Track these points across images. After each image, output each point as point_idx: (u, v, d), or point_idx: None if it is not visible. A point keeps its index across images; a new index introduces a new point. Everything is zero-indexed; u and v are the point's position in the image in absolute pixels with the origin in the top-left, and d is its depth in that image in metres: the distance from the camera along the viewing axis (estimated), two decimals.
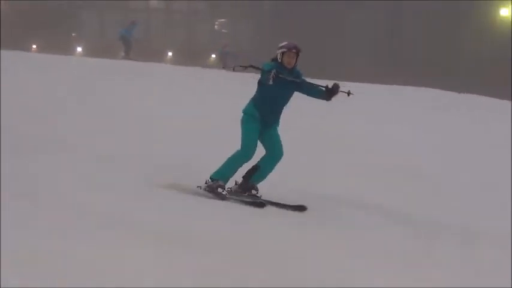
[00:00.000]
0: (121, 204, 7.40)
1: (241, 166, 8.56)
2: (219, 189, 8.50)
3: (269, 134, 8.66)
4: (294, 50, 8.45)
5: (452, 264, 6.82)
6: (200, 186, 8.53)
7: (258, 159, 8.62)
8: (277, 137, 8.68)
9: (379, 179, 10.93)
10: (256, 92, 8.63)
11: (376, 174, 11.21)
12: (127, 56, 27.46)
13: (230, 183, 8.70)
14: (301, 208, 8.44)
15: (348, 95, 8.50)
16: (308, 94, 8.63)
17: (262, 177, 8.68)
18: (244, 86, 13.47)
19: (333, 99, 8.48)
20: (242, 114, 8.64)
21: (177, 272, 5.32)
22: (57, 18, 41.50)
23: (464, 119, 18.55)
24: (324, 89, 8.48)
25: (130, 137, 11.92)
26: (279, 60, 8.48)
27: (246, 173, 8.67)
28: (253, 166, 8.65)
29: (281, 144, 8.65)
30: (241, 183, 8.71)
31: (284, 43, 8.59)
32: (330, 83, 8.46)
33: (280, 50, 8.51)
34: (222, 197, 8.46)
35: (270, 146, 8.65)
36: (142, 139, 11.89)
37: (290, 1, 39.49)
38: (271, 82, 8.19)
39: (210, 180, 8.51)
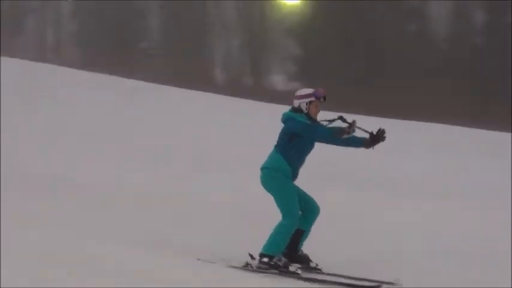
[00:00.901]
0: None
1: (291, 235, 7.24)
2: (291, 268, 7.11)
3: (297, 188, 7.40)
4: (322, 100, 7.33)
5: None
6: (249, 265, 7.20)
7: None
8: (303, 191, 7.43)
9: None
10: (286, 144, 7.26)
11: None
12: None
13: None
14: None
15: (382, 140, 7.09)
16: (345, 145, 7.26)
17: (305, 239, 7.42)
18: None
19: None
20: (270, 171, 7.28)
21: None
22: None
23: None
24: (364, 137, 7.14)
25: None
26: (306, 111, 7.30)
27: (290, 241, 7.28)
28: (297, 231, 7.28)
29: (312, 198, 7.45)
30: (287, 253, 7.27)
31: (309, 90, 7.38)
32: (373, 130, 7.08)
33: (307, 99, 7.31)
34: (296, 275, 7.05)
35: (305, 202, 7.35)
36: None
37: None
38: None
39: (263, 257, 7.13)
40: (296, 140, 7.18)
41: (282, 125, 7.30)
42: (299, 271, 7.08)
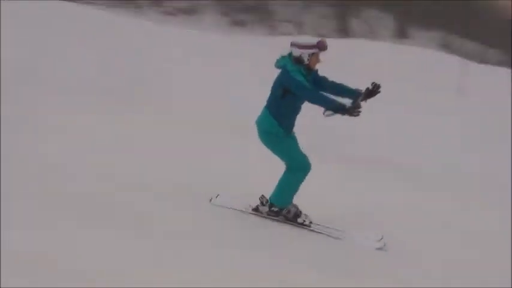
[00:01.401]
0: None
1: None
2: (299, 219, 6.91)
3: None
4: (326, 50, 6.77)
5: None
6: (259, 211, 6.99)
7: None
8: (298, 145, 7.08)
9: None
10: (278, 100, 6.74)
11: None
12: None
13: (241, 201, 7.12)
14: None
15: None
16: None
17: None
18: None
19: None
20: (262, 133, 6.84)
21: None
22: None
23: None
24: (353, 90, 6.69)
25: None
26: (307, 62, 6.72)
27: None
28: None
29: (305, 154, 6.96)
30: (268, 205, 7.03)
31: (312, 41, 6.79)
32: (368, 84, 6.59)
33: (311, 51, 6.72)
34: (305, 227, 6.89)
35: None
36: None
37: None
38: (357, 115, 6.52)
39: (272, 206, 6.93)
40: (289, 96, 6.70)
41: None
42: (307, 222, 6.91)
